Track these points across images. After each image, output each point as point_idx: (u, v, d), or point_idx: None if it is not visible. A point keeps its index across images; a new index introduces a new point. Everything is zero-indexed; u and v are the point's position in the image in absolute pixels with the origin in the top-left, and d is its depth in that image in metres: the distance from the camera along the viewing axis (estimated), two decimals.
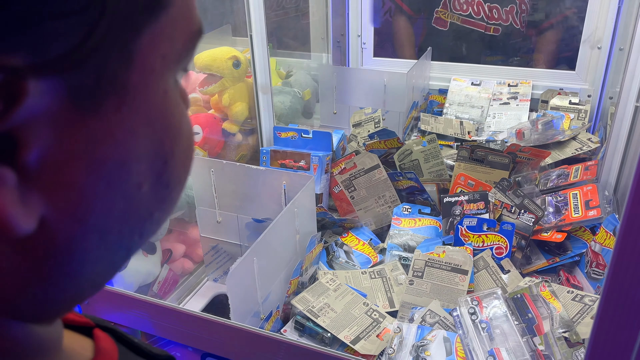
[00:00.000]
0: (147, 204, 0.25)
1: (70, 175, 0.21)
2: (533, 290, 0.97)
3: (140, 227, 0.26)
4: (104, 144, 0.22)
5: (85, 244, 0.23)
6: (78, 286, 0.24)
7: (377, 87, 1.63)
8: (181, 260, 1.30)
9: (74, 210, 0.22)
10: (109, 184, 0.23)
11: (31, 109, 0.19)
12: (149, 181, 0.25)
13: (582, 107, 1.61)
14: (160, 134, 0.24)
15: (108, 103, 0.21)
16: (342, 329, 0.98)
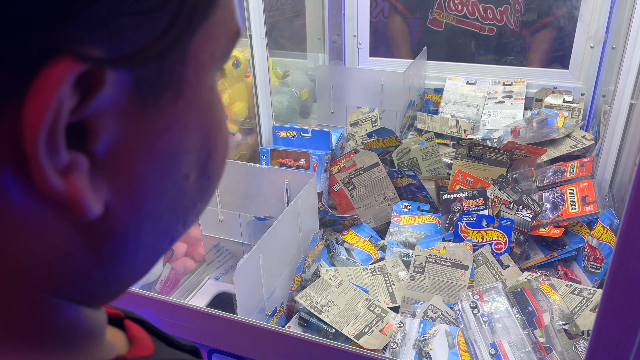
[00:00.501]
0: (191, 194, 0.27)
1: (132, 164, 0.22)
2: (533, 284, 0.99)
3: (185, 216, 0.27)
4: (161, 135, 0.23)
5: (139, 230, 0.24)
6: (129, 272, 0.26)
7: (374, 86, 1.65)
8: (183, 259, 1.30)
9: (132, 197, 0.23)
10: (163, 174, 0.24)
11: (104, 100, 0.20)
12: (195, 172, 0.26)
13: (576, 105, 1.63)
14: (207, 128, 0.26)
15: (166, 96, 0.23)
16: (345, 324, 0.99)
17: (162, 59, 0.22)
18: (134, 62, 0.20)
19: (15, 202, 0.20)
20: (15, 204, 0.20)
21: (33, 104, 0.18)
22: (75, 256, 0.23)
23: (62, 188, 0.20)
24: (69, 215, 0.21)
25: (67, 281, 0.23)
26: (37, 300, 0.23)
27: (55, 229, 0.22)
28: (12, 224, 0.21)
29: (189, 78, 0.23)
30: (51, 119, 0.19)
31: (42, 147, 0.19)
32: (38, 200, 0.20)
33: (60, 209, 0.21)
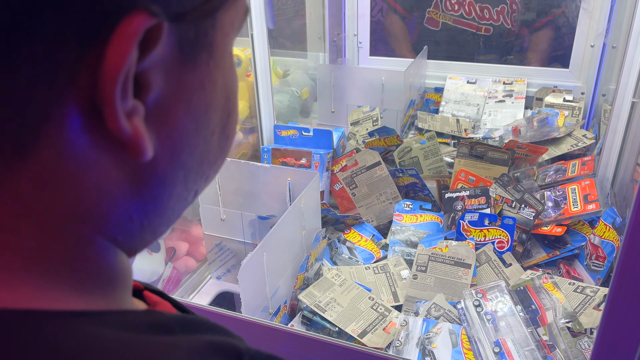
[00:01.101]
0: (214, 151, 0.29)
1: (173, 116, 0.25)
2: (536, 282, 0.99)
3: (207, 171, 0.30)
4: (197, 92, 0.26)
5: (174, 178, 0.27)
6: (161, 218, 0.28)
7: (375, 85, 1.65)
8: (184, 258, 1.30)
9: (172, 147, 0.26)
10: (197, 128, 0.27)
11: (156, 55, 0.23)
12: (218, 130, 0.29)
13: (576, 105, 1.64)
14: (229, 90, 0.29)
15: (201, 56, 0.26)
16: (349, 322, 0.99)
17: (203, 21, 0.25)
18: (188, 19, 0.24)
19: (82, 144, 0.22)
20: (82, 146, 0.22)
21: (115, 51, 0.21)
22: (122, 198, 0.25)
23: (128, 129, 0.22)
24: (124, 158, 0.24)
25: (113, 222, 0.25)
26: (88, 240, 0.25)
27: (110, 171, 0.24)
28: (75, 165, 0.23)
29: (218, 42, 0.26)
30: (128, 66, 0.21)
31: (119, 91, 0.21)
32: (100, 142, 0.23)
33: (118, 152, 0.23)
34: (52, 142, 0.22)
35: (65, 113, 0.21)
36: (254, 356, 0.28)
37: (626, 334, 0.67)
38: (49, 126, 0.21)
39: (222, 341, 0.28)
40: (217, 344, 0.27)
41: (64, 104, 0.21)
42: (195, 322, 0.29)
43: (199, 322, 0.30)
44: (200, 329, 0.29)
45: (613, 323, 0.67)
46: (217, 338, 0.28)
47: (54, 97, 0.21)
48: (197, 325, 0.29)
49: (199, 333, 0.28)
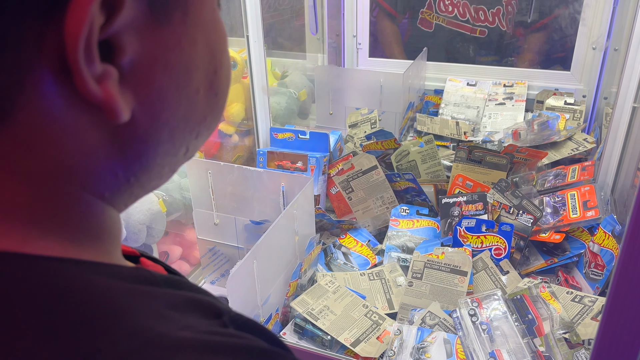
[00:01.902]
0: (202, 108, 0.30)
1: (151, 77, 0.26)
2: (533, 291, 0.97)
3: (197, 128, 0.30)
4: (174, 51, 0.26)
5: (158, 137, 0.28)
6: (149, 175, 0.29)
7: (373, 87, 1.63)
8: (178, 262, 1.29)
9: (152, 106, 0.26)
10: (177, 87, 0.27)
11: (125, 18, 0.23)
12: (204, 87, 0.29)
13: (577, 108, 1.61)
14: (212, 47, 0.29)
15: (175, 15, 0.26)
16: (342, 331, 0.97)
17: None
18: None
19: (58, 107, 0.23)
20: (58, 109, 0.23)
21: (73, 17, 0.22)
22: (106, 157, 0.26)
23: (99, 92, 0.23)
24: (102, 119, 0.25)
25: (98, 179, 0.27)
26: (75, 196, 0.26)
27: (90, 132, 0.25)
28: (55, 127, 0.24)
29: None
30: (87, 30, 0.22)
31: (82, 55, 0.22)
32: (77, 105, 0.24)
33: (95, 114, 0.24)
34: (29, 107, 0.23)
35: (37, 80, 0.22)
36: (234, 317, 0.29)
37: (624, 346, 0.65)
38: (22, 93, 0.22)
39: (204, 299, 0.29)
40: (198, 300, 0.29)
41: (34, 71, 0.22)
42: (182, 282, 0.31)
43: (186, 283, 0.31)
44: (185, 287, 0.30)
45: (610, 335, 0.65)
46: (199, 296, 0.29)
47: (23, 66, 0.22)
48: (183, 285, 0.30)
49: (183, 291, 0.29)
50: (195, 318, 0.27)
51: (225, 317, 0.28)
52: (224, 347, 0.26)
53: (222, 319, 0.28)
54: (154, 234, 1.16)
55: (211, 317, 0.28)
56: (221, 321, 0.28)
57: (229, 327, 0.28)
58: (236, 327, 0.28)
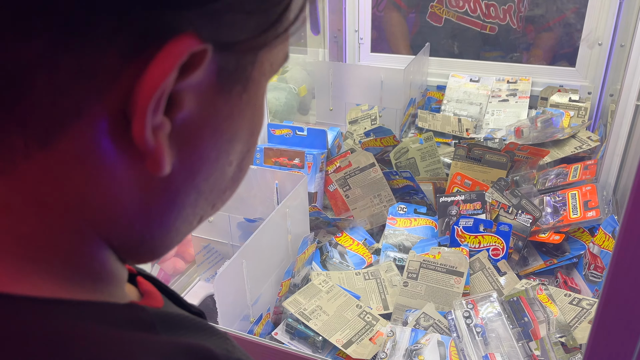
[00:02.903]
0: (227, 181, 0.30)
1: (198, 138, 0.26)
2: (530, 293, 0.95)
3: (216, 199, 0.30)
4: (226, 119, 0.26)
5: (185, 198, 0.27)
6: (164, 236, 0.28)
7: (374, 83, 1.61)
8: (172, 259, 1.27)
9: (191, 167, 0.26)
10: (217, 155, 0.27)
11: (195, 78, 0.23)
12: (236, 162, 0.29)
13: (582, 105, 1.58)
14: (254, 126, 0.30)
15: (236, 88, 0.26)
16: (334, 332, 0.95)
17: (246, 55, 0.25)
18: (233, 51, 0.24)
19: (104, 145, 0.23)
20: (103, 147, 0.23)
21: (158, 68, 0.21)
22: (129, 207, 0.25)
23: (152, 142, 0.23)
24: (141, 169, 0.24)
25: (113, 227, 0.26)
26: (83, 234, 0.25)
27: (123, 178, 0.24)
28: (92, 164, 0.23)
29: (255, 78, 0.27)
30: (166, 84, 0.22)
31: (152, 105, 0.22)
32: (121, 149, 0.23)
33: (137, 162, 0.24)
34: (75, 138, 0.22)
35: (95, 114, 0.22)
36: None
37: (616, 352, 0.63)
38: (76, 122, 0.22)
39: (200, 346, 0.28)
40: (193, 348, 0.27)
41: (96, 105, 0.22)
42: (179, 320, 0.30)
43: (183, 321, 0.30)
44: (182, 327, 0.29)
45: (603, 339, 0.63)
46: (195, 341, 0.28)
47: (90, 97, 0.22)
48: (179, 324, 0.29)
49: (179, 332, 0.29)
50: None
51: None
52: None
53: None
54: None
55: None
56: None
57: None
58: None
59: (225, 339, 0.31)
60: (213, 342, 0.29)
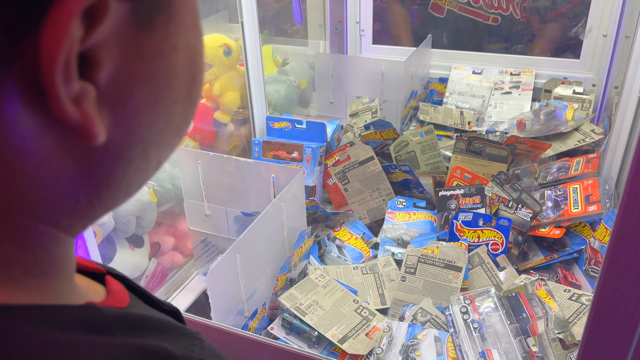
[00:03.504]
0: (178, 119, 0.27)
1: (130, 91, 0.23)
2: (528, 288, 0.94)
3: (172, 139, 0.28)
4: (155, 60, 0.24)
5: (131, 154, 0.25)
6: (115, 194, 0.26)
7: (374, 75, 1.59)
8: (170, 253, 1.27)
9: (129, 122, 0.24)
10: (156, 99, 0.25)
11: (106, 28, 0.21)
12: (182, 97, 0.27)
13: (587, 97, 1.56)
14: (193, 51, 0.26)
15: (159, 20, 0.23)
16: (330, 327, 0.95)
17: None
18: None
19: (24, 130, 0.21)
20: (24, 132, 0.21)
21: (50, 35, 0.19)
22: (68, 182, 0.23)
23: (76, 114, 0.21)
24: (72, 141, 0.22)
25: (55, 207, 0.24)
26: (24, 228, 0.23)
27: (55, 156, 0.22)
28: (16, 151, 0.21)
29: (177, 1, 0.24)
30: (67, 49, 0.20)
31: (60, 76, 0.20)
32: (47, 127, 0.21)
33: (67, 136, 0.22)
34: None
35: (4, 99, 0.20)
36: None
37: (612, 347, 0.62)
38: None
39: (156, 346, 0.26)
40: (150, 350, 0.26)
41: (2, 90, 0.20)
42: (141, 320, 0.28)
43: (146, 321, 0.28)
44: (144, 328, 0.28)
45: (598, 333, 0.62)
46: (151, 342, 0.26)
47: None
48: (141, 325, 0.28)
49: (140, 333, 0.27)
50: None
51: None
52: None
53: None
54: (144, 224, 1.14)
55: None
56: None
57: None
58: None
59: (193, 339, 0.29)
60: (178, 342, 0.28)
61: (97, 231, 1.02)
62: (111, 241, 1.11)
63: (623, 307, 0.58)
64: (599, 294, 0.57)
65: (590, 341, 0.61)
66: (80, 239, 0.92)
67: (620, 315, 0.59)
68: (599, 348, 0.62)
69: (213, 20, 1.77)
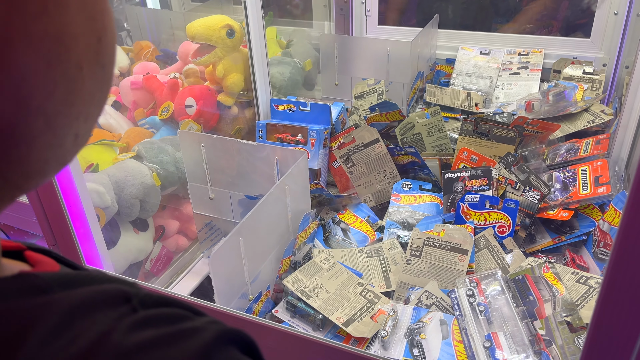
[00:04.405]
0: (89, 86, 0.25)
1: (9, 53, 0.20)
2: (535, 271, 0.93)
3: (85, 110, 0.25)
4: (38, 18, 0.21)
5: (30, 128, 0.22)
6: (26, 174, 0.24)
7: (380, 57, 1.56)
8: (175, 237, 1.27)
9: (15, 92, 0.21)
10: (48, 64, 0.22)
11: None
12: (88, 61, 0.24)
13: (597, 77, 1.53)
14: (90, 7, 0.24)
15: None
16: (334, 310, 0.94)
17: None
18: None
19: None
20: None
21: None
22: None
23: None
24: None
25: None
26: None
27: None
28: None
29: None
30: None
31: None
32: None
33: None
34: None
35: None
36: (144, 298, 0.27)
37: (621, 331, 0.61)
38: None
39: (107, 288, 0.26)
40: (101, 291, 0.26)
41: None
42: (81, 277, 0.27)
43: (85, 277, 0.28)
44: (85, 283, 0.27)
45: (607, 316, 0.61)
46: (101, 287, 0.26)
47: None
48: (81, 280, 0.27)
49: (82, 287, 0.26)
50: (101, 314, 0.25)
51: (135, 300, 0.26)
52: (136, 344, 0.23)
53: (131, 303, 0.26)
54: (148, 208, 1.14)
55: (119, 305, 0.26)
56: (130, 305, 0.26)
57: (139, 310, 0.26)
58: (147, 307, 0.26)
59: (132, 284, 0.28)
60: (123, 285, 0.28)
61: (101, 214, 1.02)
62: (115, 225, 1.10)
63: (633, 290, 0.57)
64: (609, 276, 0.56)
65: (600, 324, 0.60)
66: (83, 223, 0.92)
67: (631, 298, 0.58)
68: (608, 331, 0.61)
69: (217, 2, 1.75)
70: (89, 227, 0.92)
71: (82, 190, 0.92)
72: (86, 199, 0.93)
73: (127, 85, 1.40)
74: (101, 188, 1.02)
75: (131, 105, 1.41)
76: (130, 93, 1.40)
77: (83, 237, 0.90)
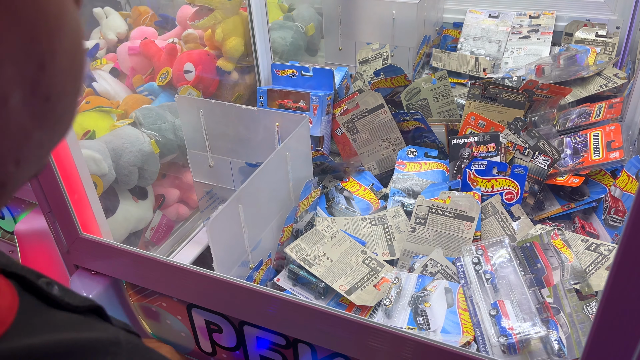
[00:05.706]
0: (20, 122, 0.20)
1: None
2: (544, 238, 0.90)
3: (16, 152, 0.20)
4: None
5: None
6: None
7: (385, 20, 1.51)
8: (175, 205, 1.25)
9: None
10: None
11: None
12: (20, 92, 0.19)
13: (610, 40, 1.47)
14: (31, 28, 0.19)
15: None
16: (337, 278, 0.92)
17: None
18: None
19: None
20: None
21: None
22: None
23: None
24: None
25: None
26: None
27: None
28: None
29: None
30: None
31: None
32: None
33: None
34: None
35: None
36: None
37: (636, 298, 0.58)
38: None
39: None
40: None
41: None
42: None
43: None
44: None
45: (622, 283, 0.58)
46: None
47: None
48: None
49: None
50: None
51: None
52: None
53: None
54: (147, 175, 1.11)
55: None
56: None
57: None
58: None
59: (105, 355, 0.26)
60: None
61: (98, 182, 0.99)
62: (113, 193, 1.08)
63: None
64: (625, 242, 0.53)
65: (613, 293, 0.57)
66: (79, 190, 0.90)
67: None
68: (622, 300, 0.58)
69: None
70: (86, 195, 0.90)
71: (78, 157, 0.89)
72: (82, 166, 0.90)
73: (125, 51, 1.36)
74: (97, 155, 0.99)
75: (129, 72, 1.37)
76: (128, 59, 1.36)
77: (79, 205, 0.88)
